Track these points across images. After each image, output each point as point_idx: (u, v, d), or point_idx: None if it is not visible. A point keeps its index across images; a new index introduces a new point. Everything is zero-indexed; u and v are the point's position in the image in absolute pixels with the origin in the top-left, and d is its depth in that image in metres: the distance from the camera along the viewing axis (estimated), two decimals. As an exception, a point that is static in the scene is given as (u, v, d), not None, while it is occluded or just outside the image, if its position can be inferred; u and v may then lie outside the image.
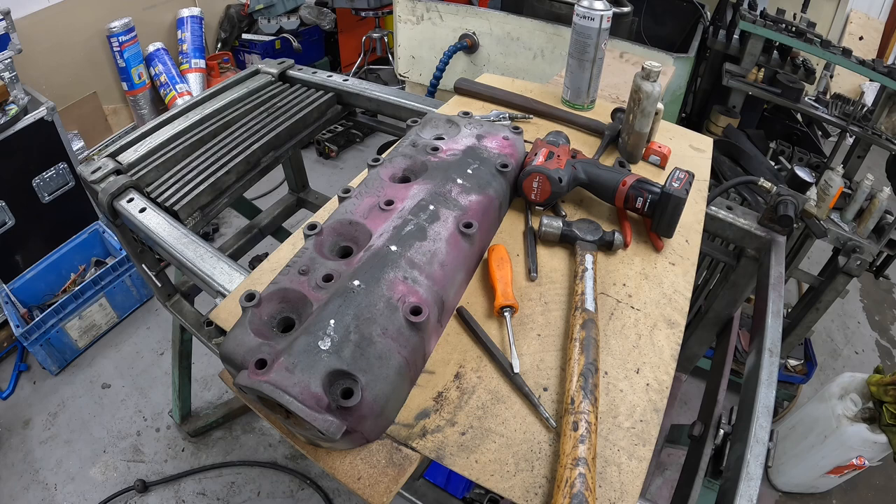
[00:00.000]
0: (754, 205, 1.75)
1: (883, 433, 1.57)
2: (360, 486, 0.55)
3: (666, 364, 0.67)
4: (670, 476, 1.85)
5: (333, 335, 0.54)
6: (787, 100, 2.11)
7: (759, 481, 0.66)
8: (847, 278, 1.71)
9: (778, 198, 1.00)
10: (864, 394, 1.67)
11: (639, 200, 0.80)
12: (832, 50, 1.93)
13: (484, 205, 0.75)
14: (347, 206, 0.72)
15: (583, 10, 1.03)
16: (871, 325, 2.67)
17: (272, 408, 0.53)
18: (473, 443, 0.58)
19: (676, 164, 0.86)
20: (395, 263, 0.63)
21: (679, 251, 0.83)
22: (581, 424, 0.56)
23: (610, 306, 0.73)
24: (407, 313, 0.59)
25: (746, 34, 2.07)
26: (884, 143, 1.97)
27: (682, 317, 0.73)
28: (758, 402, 0.74)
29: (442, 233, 0.68)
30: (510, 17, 2.01)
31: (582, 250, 0.77)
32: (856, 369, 1.98)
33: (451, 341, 0.67)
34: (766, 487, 1.94)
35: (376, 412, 0.55)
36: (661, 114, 0.99)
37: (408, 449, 0.57)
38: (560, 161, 0.83)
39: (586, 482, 0.52)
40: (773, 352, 0.81)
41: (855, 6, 4.07)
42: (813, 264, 2.28)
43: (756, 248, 1.07)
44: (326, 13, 3.78)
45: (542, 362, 0.66)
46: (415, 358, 0.60)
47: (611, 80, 1.33)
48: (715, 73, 2.35)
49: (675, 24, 2.59)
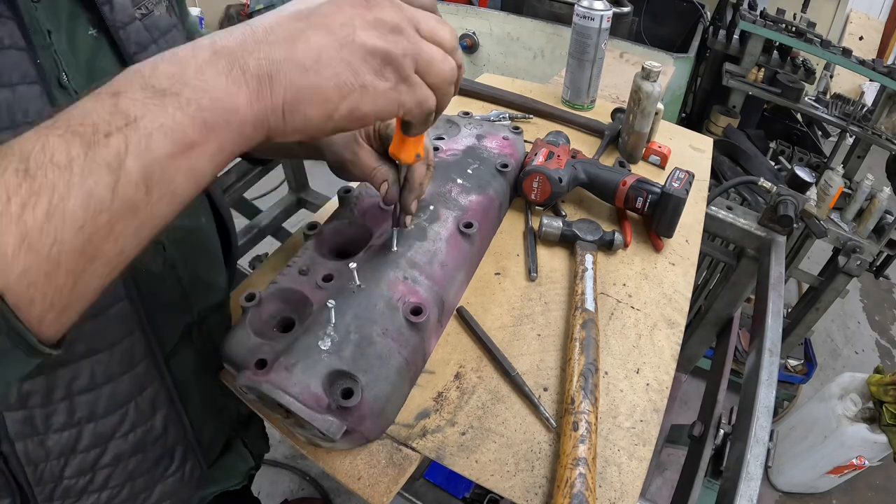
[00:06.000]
0: (754, 205, 1.76)
1: (883, 433, 1.57)
2: (360, 486, 0.55)
3: (666, 364, 0.67)
4: (670, 476, 1.85)
5: (333, 335, 0.54)
6: (787, 100, 2.11)
7: (759, 481, 0.66)
8: (847, 278, 1.71)
9: (778, 198, 1.00)
10: (864, 394, 1.67)
11: (639, 200, 0.80)
12: (832, 50, 1.93)
13: (484, 205, 0.75)
14: (347, 206, 0.73)
15: (583, 10, 1.03)
16: (871, 325, 2.67)
17: (272, 408, 0.53)
18: (473, 443, 0.58)
19: (676, 164, 0.86)
20: (395, 263, 0.63)
21: (679, 251, 0.83)
22: (581, 424, 0.56)
23: (610, 306, 0.73)
24: (407, 313, 0.59)
25: (746, 34, 2.07)
26: (884, 143, 1.97)
27: (683, 317, 0.73)
28: (758, 402, 0.75)
29: (442, 233, 0.68)
30: (510, 17, 2.01)
31: (582, 250, 0.77)
32: (856, 369, 1.98)
33: (451, 341, 0.67)
34: (766, 487, 1.94)
35: (376, 412, 0.55)
36: (661, 114, 0.99)
37: (408, 449, 0.57)
38: (560, 161, 0.83)
39: (586, 482, 0.52)
40: (773, 352, 0.81)
41: (855, 6, 4.07)
42: (813, 264, 2.28)
43: (756, 248, 1.07)
44: (326, 13, 3.78)
45: (542, 362, 0.66)
46: (415, 358, 0.60)
47: (611, 80, 1.34)
48: (715, 73, 2.35)
49: (675, 24, 2.59)
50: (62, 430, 0.54)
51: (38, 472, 0.55)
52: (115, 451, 0.60)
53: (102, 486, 0.61)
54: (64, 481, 0.57)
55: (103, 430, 0.58)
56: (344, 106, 0.37)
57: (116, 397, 0.57)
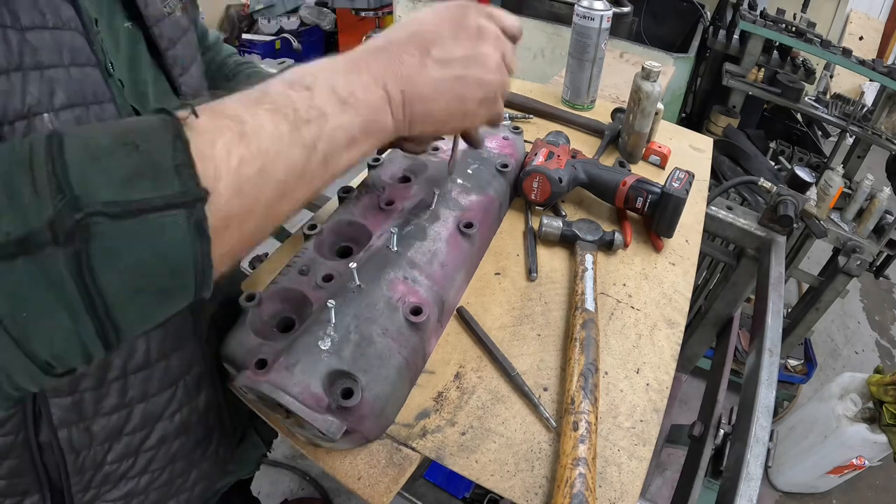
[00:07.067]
0: (754, 205, 1.76)
1: (883, 433, 1.57)
2: (360, 486, 0.55)
3: (666, 364, 0.67)
4: (670, 476, 1.85)
5: (333, 335, 0.54)
6: (787, 100, 2.11)
7: (759, 481, 0.66)
8: (847, 278, 1.71)
9: (778, 198, 1.00)
10: (864, 394, 1.67)
11: (639, 200, 0.80)
12: (832, 50, 1.93)
13: (484, 205, 0.75)
14: (347, 206, 0.73)
15: (583, 10, 1.03)
16: (871, 325, 2.67)
17: (272, 408, 0.53)
18: (473, 443, 0.58)
19: (676, 164, 0.86)
20: (395, 263, 0.63)
21: (679, 251, 0.83)
22: (581, 424, 0.56)
23: (610, 306, 0.73)
24: (407, 313, 0.59)
25: (746, 34, 2.07)
26: (884, 143, 1.98)
27: (683, 317, 0.73)
28: (758, 402, 0.75)
29: (442, 233, 0.68)
30: (510, 17, 2.01)
31: (582, 250, 0.77)
32: (856, 369, 1.98)
33: (451, 341, 0.67)
34: (766, 487, 1.94)
35: (376, 412, 0.55)
36: (661, 114, 0.99)
37: (408, 449, 0.57)
38: (560, 161, 0.83)
39: (586, 482, 0.52)
40: (773, 352, 0.81)
41: (855, 6, 4.07)
42: (813, 264, 2.28)
43: (756, 248, 1.07)
44: (326, 13, 3.79)
45: (542, 362, 0.66)
46: (415, 358, 0.60)
47: (611, 80, 1.33)
48: (715, 73, 2.35)
49: (675, 24, 2.59)
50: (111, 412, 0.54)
51: (80, 461, 0.54)
52: (162, 433, 0.60)
53: (143, 470, 0.61)
54: (104, 467, 0.57)
55: (153, 410, 0.58)
56: (450, 125, 0.52)
57: (168, 375, 0.57)
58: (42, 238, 0.28)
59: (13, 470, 0.51)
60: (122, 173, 0.30)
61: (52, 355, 0.31)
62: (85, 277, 0.29)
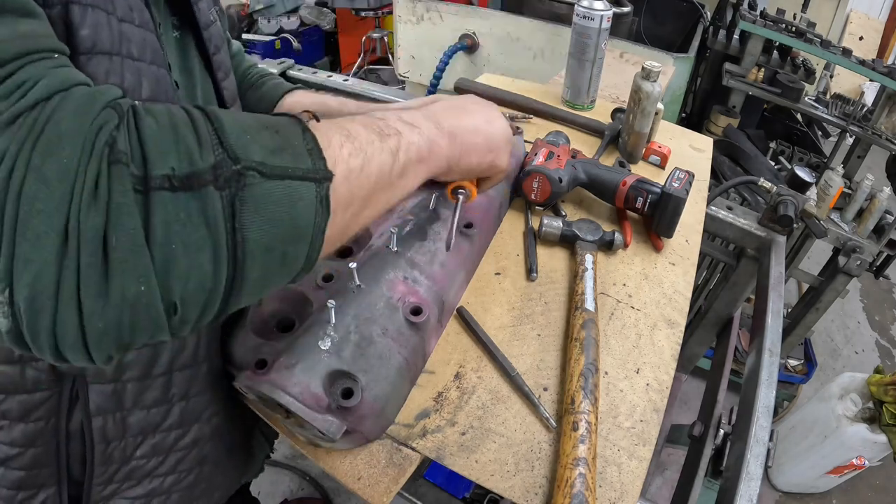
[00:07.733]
0: (754, 205, 1.76)
1: (883, 433, 1.57)
2: (360, 486, 0.55)
3: (666, 364, 0.67)
4: (670, 476, 1.85)
5: (333, 335, 0.54)
6: (787, 100, 2.11)
7: (759, 481, 0.66)
8: (847, 278, 1.71)
9: (778, 198, 1.00)
10: (864, 394, 1.67)
11: (639, 200, 0.80)
12: (832, 50, 1.93)
13: (484, 205, 0.75)
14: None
15: (583, 10, 1.03)
16: (871, 325, 2.67)
17: (272, 408, 0.53)
18: (473, 443, 0.58)
19: (676, 164, 0.86)
20: (395, 263, 0.63)
21: (679, 251, 0.83)
22: (581, 424, 0.56)
23: (610, 306, 0.73)
24: (407, 313, 0.59)
25: (746, 34, 2.07)
26: (884, 143, 1.97)
27: (683, 317, 0.73)
28: (758, 402, 0.74)
29: (442, 233, 0.68)
30: (510, 17, 2.01)
31: (582, 250, 0.77)
32: (856, 369, 1.98)
33: (451, 341, 0.67)
34: (766, 487, 1.94)
35: (376, 412, 0.55)
36: (661, 114, 0.99)
37: (408, 449, 0.57)
38: (560, 161, 0.83)
39: (586, 482, 0.52)
40: (773, 352, 0.81)
41: (855, 6, 4.07)
42: (813, 264, 2.28)
43: (756, 248, 1.07)
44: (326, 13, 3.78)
45: (542, 362, 0.66)
46: (415, 358, 0.60)
47: (611, 80, 1.33)
48: (715, 73, 2.35)
49: (675, 24, 2.59)
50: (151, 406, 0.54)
51: (109, 451, 0.54)
52: (197, 434, 0.60)
53: (171, 470, 0.60)
54: (132, 462, 0.56)
55: (194, 409, 0.58)
56: (488, 158, 0.60)
57: (211, 376, 0.58)
58: (206, 177, 0.32)
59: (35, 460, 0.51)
60: (270, 145, 0.36)
61: (182, 296, 0.32)
62: (235, 221, 0.33)
